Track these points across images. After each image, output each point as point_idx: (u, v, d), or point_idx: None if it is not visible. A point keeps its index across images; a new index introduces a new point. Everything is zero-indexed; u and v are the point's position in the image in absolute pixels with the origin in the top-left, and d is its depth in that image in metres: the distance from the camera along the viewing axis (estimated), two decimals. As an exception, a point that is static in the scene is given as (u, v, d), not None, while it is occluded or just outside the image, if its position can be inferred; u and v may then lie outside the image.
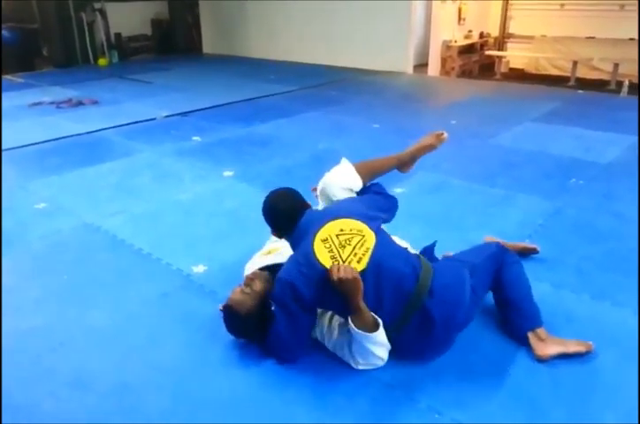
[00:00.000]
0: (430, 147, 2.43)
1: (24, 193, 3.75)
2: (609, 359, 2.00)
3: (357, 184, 2.27)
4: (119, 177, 4.05)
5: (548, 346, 1.99)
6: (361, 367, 1.95)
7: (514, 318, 2.09)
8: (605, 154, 4.33)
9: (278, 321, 1.91)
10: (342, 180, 2.26)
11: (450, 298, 1.92)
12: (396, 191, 3.55)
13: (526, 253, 2.67)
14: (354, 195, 2.26)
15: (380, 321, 1.86)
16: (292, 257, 1.96)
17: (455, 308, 1.92)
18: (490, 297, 2.25)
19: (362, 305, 1.82)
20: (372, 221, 1.98)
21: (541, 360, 1.97)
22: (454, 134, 5.02)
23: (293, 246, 1.99)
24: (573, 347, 1.99)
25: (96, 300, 2.47)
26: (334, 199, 2.23)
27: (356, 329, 1.84)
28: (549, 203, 3.39)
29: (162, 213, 3.41)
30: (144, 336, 2.22)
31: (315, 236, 1.89)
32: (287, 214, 2.00)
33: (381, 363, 1.94)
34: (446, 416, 1.77)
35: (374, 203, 2.15)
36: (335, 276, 1.78)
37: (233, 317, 2.00)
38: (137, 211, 3.43)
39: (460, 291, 1.95)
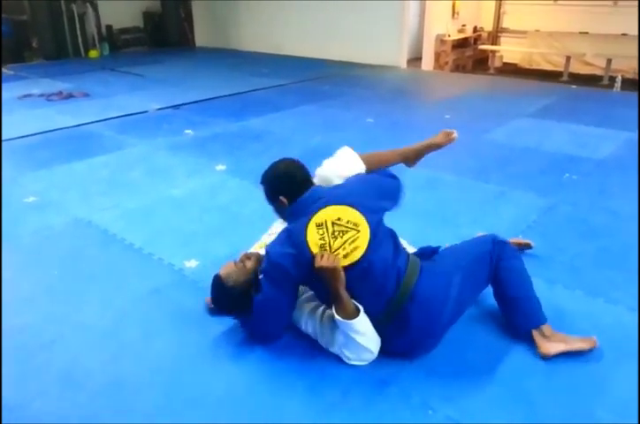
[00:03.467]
0: (437, 147, 2.36)
1: (14, 186, 3.70)
2: (603, 356, 2.00)
3: (359, 170, 2.16)
4: (111, 172, 4.01)
5: (551, 344, 1.97)
6: (353, 362, 1.94)
7: (516, 316, 2.06)
8: (599, 149, 4.33)
9: (263, 291, 1.93)
10: (342, 167, 2.16)
11: (431, 302, 1.89)
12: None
13: (520, 248, 2.65)
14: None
15: (361, 307, 1.87)
16: (283, 233, 1.95)
17: (435, 314, 1.90)
18: (486, 292, 2.25)
19: (343, 293, 1.84)
20: (373, 214, 1.94)
21: (544, 358, 1.96)
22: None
23: (289, 220, 1.99)
24: (576, 344, 1.98)
25: (87, 296, 2.44)
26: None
27: (339, 318, 1.86)
28: (543, 199, 3.38)
29: (154, 208, 3.37)
30: (136, 332, 2.19)
31: (311, 217, 1.88)
32: (300, 180, 1.98)
33: (371, 356, 1.93)
34: (440, 412, 1.76)
35: (379, 188, 2.07)
36: (317, 264, 1.81)
37: (219, 288, 2.03)
38: (129, 206, 3.39)
39: (442, 297, 1.91)
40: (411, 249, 2.31)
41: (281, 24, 9.29)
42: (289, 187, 1.99)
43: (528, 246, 2.68)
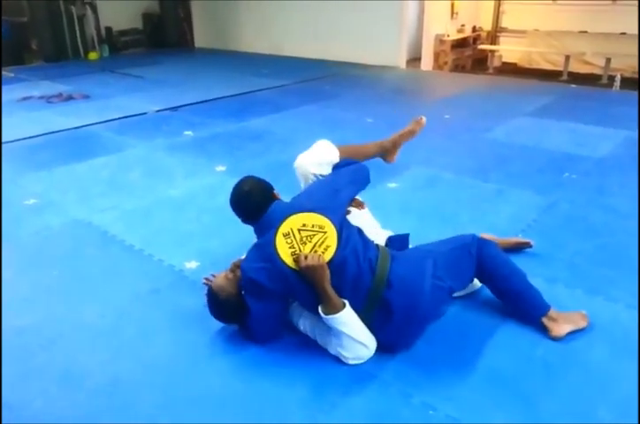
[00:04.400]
0: (410, 133, 2.47)
1: (14, 188, 3.71)
2: (602, 354, 2.00)
3: (332, 157, 2.29)
4: (110, 173, 4.01)
5: (561, 326, 2.08)
6: (352, 362, 1.94)
7: (524, 308, 2.16)
8: (598, 148, 4.33)
9: (249, 305, 1.97)
10: (315, 156, 2.30)
11: (408, 287, 1.93)
12: (389, 186, 3.55)
13: (520, 247, 2.67)
14: (330, 170, 2.28)
15: (347, 302, 1.90)
16: (253, 250, 2.00)
17: (415, 297, 1.92)
18: (485, 291, 2.25)
19: (330, 290, 1.87)
20: (336, 213, 2.00)
21: (557, 339, 2.06)
22: (448, 129, 5.04)
23: (257, 236, 2.04)
24: (580, 323, 2.11)
25: (87, 297, 2.45)
26: (312, 177, 2.26)
27: (326, 316, 1.87)
28: (542, 198, 3.38)
29: (153, 209, 3.38)
30: (135, 332, 2.20)
31: (277, 229, 1.92)
32: (258, 204, 2.03)
33: (367, 352, 1.94)
34: (441, 412, 1.76)
35: (343, 179, 2.17)
36: (302, 264, 1.84)
37: (213, 300, 2.05)
38: (128, 207, 3.40)
39: (418, 280, 1.95)
40: (384, 235, 2.38)
41: (281, 24, 9.29)
42: (245, 213, 2.08)
43: (528, 245, 2.68)
